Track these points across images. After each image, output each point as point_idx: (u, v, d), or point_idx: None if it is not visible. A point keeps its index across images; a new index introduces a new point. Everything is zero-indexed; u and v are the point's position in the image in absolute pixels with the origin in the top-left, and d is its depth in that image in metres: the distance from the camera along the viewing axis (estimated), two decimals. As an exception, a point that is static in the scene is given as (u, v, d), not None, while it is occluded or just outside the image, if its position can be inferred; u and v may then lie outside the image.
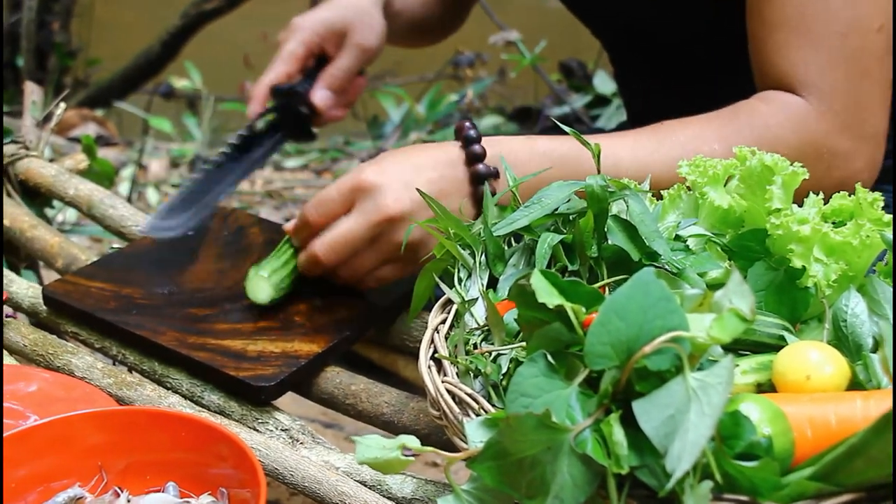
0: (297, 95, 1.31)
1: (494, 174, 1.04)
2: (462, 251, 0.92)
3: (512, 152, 1.04)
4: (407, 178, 1.03)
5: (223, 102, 3.83)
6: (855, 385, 0.75)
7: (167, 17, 3.99)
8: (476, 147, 1.05)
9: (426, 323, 0.88)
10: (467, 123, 1.07)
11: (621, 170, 1.03)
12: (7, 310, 1.15)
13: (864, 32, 1.06)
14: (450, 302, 0.90)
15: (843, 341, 0.80)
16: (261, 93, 1.31)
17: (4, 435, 0.85)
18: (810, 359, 0.75)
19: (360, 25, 1.33)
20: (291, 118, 1.31)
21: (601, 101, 3.30)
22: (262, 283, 1.10)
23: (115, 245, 1.28)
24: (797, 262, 0.85)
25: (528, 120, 3.53)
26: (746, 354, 0.80)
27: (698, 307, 0.73)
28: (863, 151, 1.08)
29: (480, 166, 1.04)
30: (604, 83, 3.34)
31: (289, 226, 1.12)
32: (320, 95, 1.32)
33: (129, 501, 0.84)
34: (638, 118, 1.51)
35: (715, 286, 0.81)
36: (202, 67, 3.78)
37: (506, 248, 0.93)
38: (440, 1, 1.58)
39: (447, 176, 1.04)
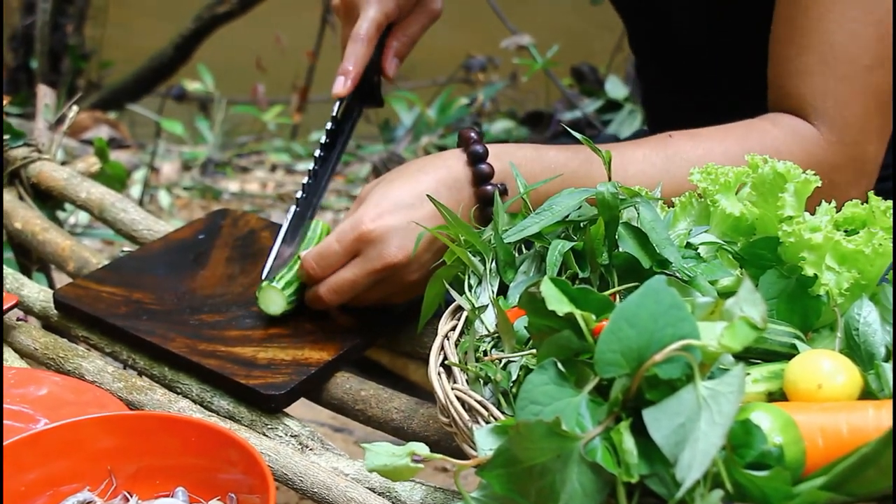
0: (371, 66, 1.26)
1: (503, 191, 1.02)
2: (472, 258, 0.92)
3: (522, 166, 1.02)
4: (408, 216, 1.01)
5: (235, 105, 3.85)
6: (867, 394, 0.75)
7: (180, 20, 4.00)
8: (483, 166, 1.03)
9: (436, 329, 0.87)
10: (472, 135, 1.04)
11: (630, 185, 1.02)
12: (18, 313, 1.15)
13: (888, 68, 1.05)
14: (460, 309, 0.89)
15: (856, 350, 0.80)
16: (354, 73, 1.22)
17: (14, 439, 0.85)
18: (822, 367, 0.74)
19: None
20: (365, 89, 1.27)
21: (613, 105, 3.30)
22: (276, 296, 1.09)
23: (126, 248, 1.28)
24: (809, 271, 0.84)
25: (539, 124, 3.53)
26: (757, 363, 0.80)
27: (709, 315, 0.72)
28: (858, 184, 1.08)
29: (488, 187, 1.02)
30: (615, 88, 3.34)
31: (305, 255, 1.11)
32: (392, 64, 1.28)
33: (138, 506, 0.85)
34: (652, 111, 1.51)
35: (726, 294, 0.80)
36: (214, 70, 3.79)
37: (516, 255, 0.93)
38: None
39: (452, 200, 1.02)
